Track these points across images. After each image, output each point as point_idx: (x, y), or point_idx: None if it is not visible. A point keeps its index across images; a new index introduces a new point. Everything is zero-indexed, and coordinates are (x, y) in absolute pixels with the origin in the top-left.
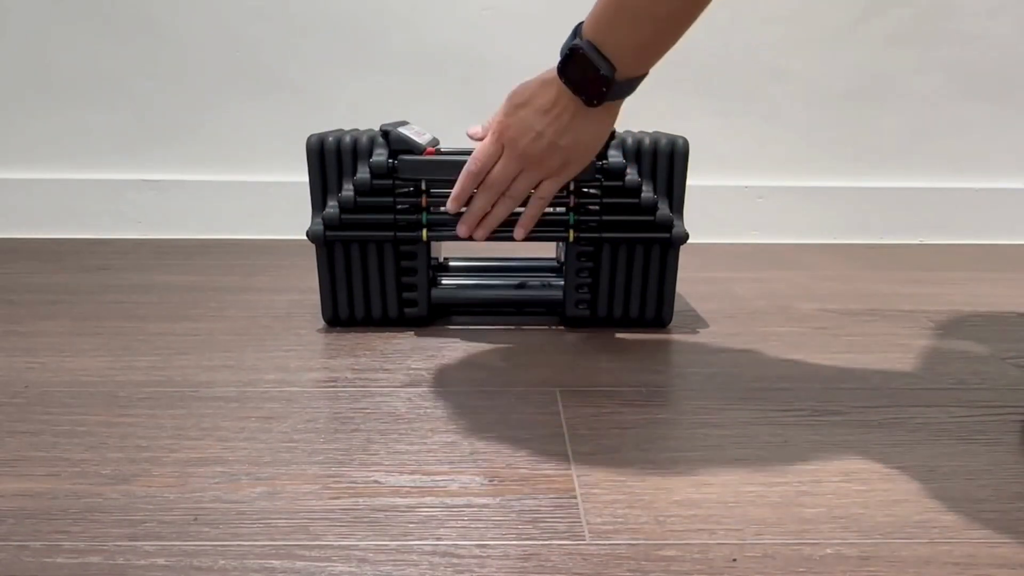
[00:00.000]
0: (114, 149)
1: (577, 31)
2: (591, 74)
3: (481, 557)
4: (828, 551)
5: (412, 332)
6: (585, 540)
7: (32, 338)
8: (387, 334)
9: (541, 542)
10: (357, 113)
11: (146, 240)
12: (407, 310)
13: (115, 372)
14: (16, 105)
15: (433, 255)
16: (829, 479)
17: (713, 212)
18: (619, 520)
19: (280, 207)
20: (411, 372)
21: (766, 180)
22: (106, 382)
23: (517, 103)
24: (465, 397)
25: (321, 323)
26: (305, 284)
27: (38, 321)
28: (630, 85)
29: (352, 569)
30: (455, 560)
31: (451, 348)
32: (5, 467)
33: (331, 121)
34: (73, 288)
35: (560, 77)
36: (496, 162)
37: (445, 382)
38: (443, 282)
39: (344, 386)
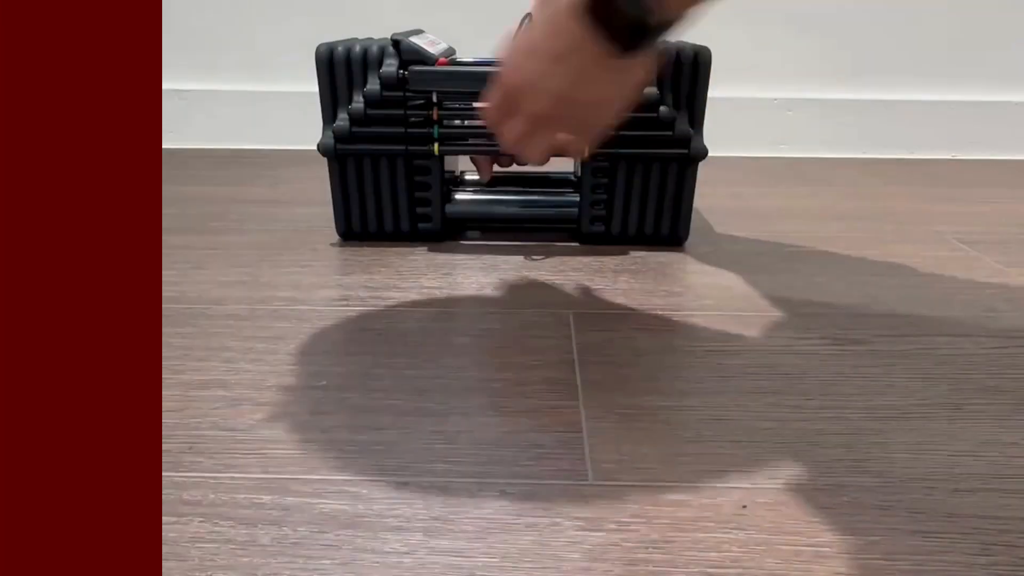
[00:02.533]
0: None
1: None
2: (632, 13)
3: (479, 495)
4: (844, 498)
5: (426, 247)
6: (588, 480)
7: None
8: (403, 249)
9: (542, 481)
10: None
11: (172, 151)
12: (420, 225)
13: None
14: None
15: (449, 168)
16: (849, 415)
17: (739, 125)
18: (625, 459)
19: (308, 116)
20: (424, 291)
21: (795, 92)
22: None
23: (523, 50)
24: (477, 319)
25: (337, 237)
26: (327, 196)
27: None
28: (668, 29)
29: (344, 507)
30: (451, 498)
31: (465, 265)
32: None
33: (353, 29)
34: None
35: (587, 17)
36: (506, 122)
37: (457, 303)
38: (457, 197)
39: (356, 305)
